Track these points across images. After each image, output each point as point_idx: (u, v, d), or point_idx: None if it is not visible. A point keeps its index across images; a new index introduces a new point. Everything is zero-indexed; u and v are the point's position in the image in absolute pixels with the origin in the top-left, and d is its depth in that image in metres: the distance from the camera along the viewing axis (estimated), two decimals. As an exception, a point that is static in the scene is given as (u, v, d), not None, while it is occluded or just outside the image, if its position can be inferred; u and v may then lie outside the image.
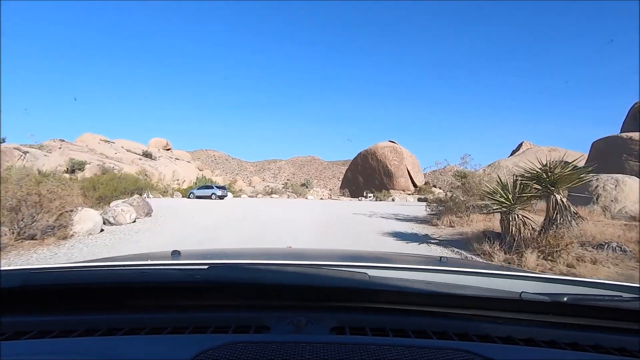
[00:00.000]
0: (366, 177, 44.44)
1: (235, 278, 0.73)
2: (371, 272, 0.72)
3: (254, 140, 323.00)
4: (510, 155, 46.70)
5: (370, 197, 35.73)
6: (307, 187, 44.10)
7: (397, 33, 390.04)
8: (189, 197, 29.99)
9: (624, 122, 53.32)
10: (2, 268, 0.78)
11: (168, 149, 58.36)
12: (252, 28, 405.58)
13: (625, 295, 0.75)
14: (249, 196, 37.56)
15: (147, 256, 1.28)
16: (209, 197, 28.70)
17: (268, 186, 44.20)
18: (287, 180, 49.53)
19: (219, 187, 29.95)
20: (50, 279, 0.75)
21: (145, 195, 26.95)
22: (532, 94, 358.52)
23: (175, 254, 1.21)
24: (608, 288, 0.83)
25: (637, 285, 0.82)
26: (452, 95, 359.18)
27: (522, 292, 0.69)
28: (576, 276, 4.34)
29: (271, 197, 36.97)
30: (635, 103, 52.68)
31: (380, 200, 33.43)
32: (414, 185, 43.33)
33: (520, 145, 47.25)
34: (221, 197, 29.03)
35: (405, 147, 45.27)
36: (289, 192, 40.81)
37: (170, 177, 43.97)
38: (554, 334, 0.67)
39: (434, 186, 47.52)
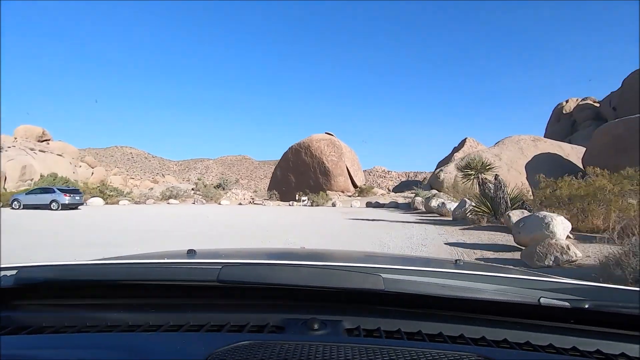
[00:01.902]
0: (299, 175, 36.44)
1: (249, 278, 0.72)
2: (385, 275, 0.72)
3: (179, 138, 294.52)
4: (453, 152, 43.27)
5: (304, 200, 27.75)
6: (223, 189, 34.46)
7: (330, 31, 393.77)
8: (12, 207, 18.52)
9: (548, 123, 52.85)
10: (23, 264, 0.80)
11: (44, 140, 43.97)
12: (181, 22, 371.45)
13: None
14: (135, 202, 26.69)
15: (163, 255, 1.29)
16: (48, 206, 17.84)
17: (171, 187, 33.41)
18: (198, 179, 38.76)
19: (65, 191, 18.96)
20: (73, 275, 0.77)
21: None
22: (461, 96, 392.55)
23: (191, 252, 1.23)
24: (634, 295, 0.81)
25: None
26: (386, 94, 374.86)
27: (540, 297, 0.67)
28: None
29: (168, 203, 26.74)
30: (558, 105, 53.19)
31: (318, 205, 25.67)
32: (354, 185, 36.70)
33: (464, 141, 43.90)
34: (71, 206, 18.34)
35: (343, 141, 38.39)
36: (197, 194, 30.80)
37: (18, 174, 30.59)
38: (575, 340, 0.66)
39: (373, 187, 41.78)
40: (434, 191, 18.67)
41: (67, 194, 18.44)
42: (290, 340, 0.58)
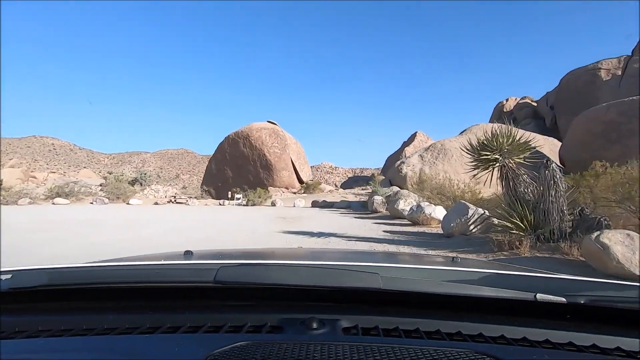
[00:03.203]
0: (236, 169, 31.49)
1: (246, 278, 0.73)
2: (383, 273, 0.72)
3: (113, 128, 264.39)
4: (403, 146, 41.64)
5: (239, 199, 23.10)
6: (141, 184, 28.26)
7: (281, 24, 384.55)
8: None
9: (490, 120, 53.49)
10: (19, 268, 0.80)
11: None
12: (120, 5, 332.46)
13: None
14: (3, 202, 19.75)
15: (160, 256, 1.27)
16: None
17: (71, 183, 26.32)
18: (109, 173, 31.75)
19: None
20: (69, 279, 0.77)
21: None
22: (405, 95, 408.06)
23: (188, 253, 1.23)
24: (628, 289, 0.82)
25: None
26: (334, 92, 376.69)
27: (536, 293, 0.69)
28: None
29: (53, 204, 20.28)
30: (499, 103, 54.18)
31: (254, 204, 21.23)
32: (300, 181, 32.76)
33: (414, 135, 42.45)
34: None
35: (288, 131, 34.17)
36: (101, 192, 24.41)
37: None
38: (571, 335, 0.66)
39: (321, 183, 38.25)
40: (396, 188, 15.43)
41: None
42: (288, 340, 0.58)
